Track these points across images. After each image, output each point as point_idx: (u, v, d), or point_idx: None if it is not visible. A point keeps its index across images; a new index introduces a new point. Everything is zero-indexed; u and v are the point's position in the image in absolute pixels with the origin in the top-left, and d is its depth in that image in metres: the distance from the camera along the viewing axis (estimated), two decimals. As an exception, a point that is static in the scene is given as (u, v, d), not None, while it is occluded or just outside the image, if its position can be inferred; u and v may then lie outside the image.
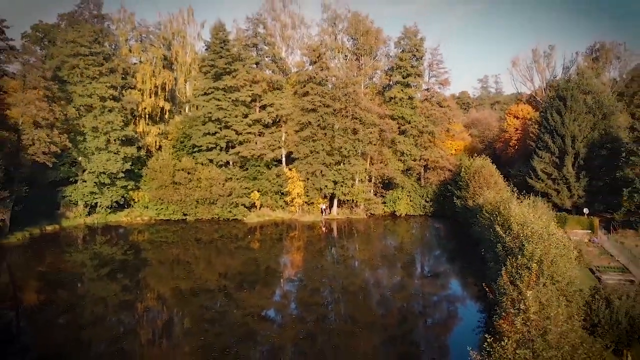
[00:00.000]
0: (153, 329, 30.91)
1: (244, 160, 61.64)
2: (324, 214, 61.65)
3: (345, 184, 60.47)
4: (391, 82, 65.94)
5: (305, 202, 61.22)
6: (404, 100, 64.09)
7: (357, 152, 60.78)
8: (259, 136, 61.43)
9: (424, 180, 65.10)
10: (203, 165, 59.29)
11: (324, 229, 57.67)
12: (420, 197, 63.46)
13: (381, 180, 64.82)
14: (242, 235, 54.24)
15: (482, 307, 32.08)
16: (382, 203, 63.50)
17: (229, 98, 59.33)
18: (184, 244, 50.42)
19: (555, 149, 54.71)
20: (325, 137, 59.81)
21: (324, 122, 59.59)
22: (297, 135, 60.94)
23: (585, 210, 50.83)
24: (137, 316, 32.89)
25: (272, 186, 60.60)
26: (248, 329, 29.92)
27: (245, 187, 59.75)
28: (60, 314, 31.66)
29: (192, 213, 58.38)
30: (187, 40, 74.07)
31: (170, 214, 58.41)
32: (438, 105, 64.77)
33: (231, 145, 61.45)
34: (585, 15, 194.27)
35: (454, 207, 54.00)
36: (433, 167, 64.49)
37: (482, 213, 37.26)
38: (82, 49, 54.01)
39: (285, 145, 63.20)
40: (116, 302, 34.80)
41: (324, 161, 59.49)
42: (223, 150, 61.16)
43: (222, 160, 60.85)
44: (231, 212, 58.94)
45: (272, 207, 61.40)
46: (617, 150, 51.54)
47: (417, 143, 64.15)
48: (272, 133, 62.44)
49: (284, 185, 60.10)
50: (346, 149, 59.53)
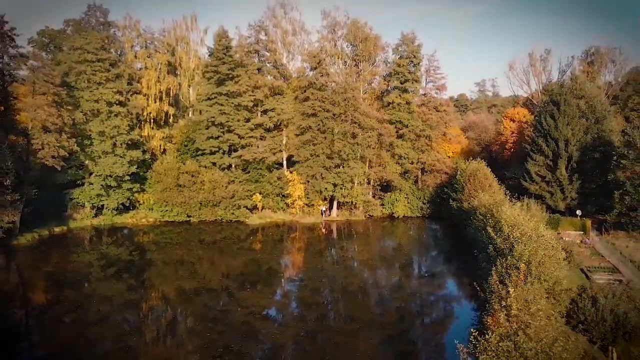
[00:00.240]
0: (158, 327, 31.11)
1: (246, 164, 61.66)
2: (323, 215, 61.65)
3: (345, 186, 60.53)
4: (389, 88, 65.97)
5: (306, 204, 61.22)
6: (401, 105, 64.08)
7: (356, 155, 60.83)
8: (261, 140, 61.52)
9: (421, 182, 65.08)
10: (206, 168, 59.31)
11: (323, 231, 57.72)
12: (418, 199, 63.44)
13: (379, 182, 64.86)
14: (245, 237, 54.35)
15: (477, 306, 32.31)
16: (381, 205, 63.45)
17: (232, 103, 59.41)
18: (188, 244, 50.51)
19: (549, 152, 54.87)
20: (325, 141, 59.89)
21: (324, 127, 59.67)
22: (298, 139, 60.97)
23: (578, 212, 50.93)
24: (142, 315, 33.10)
25: (274, 189, 60.67)
26: (250, 328, 30.11)
27: (248, 190, 59.82)
28: (68, 312, 31.90)
29: (196, 215, 58.40)
30: (190, 46, 74.11)
31: (174, 216, 58.43)
32: (435, 110, 64.75)
33: (234, 148, 61.54)
34: (581, 20, 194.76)
35: (450, 209, 54.07)
36: (430, 170, 64.55)
37: (476, 215, 37.50)
38: (89, 55, 54.17)
39: (286, 148, 63.22)
40: (122, 301, 35.03)
41: (323, 164, 59.54)
42: (226, 154, 61.24)
43: (225, 164, 60.89)
44: (234, 214, 58.94)
45: (273, 209, 61.46)
46: (609, 154, 51.57)
47: (414, 147, 64.15)
48: (273, 137, 62.47)
49: (285, 187, 60.16)
50: (345, 152, 59.60)
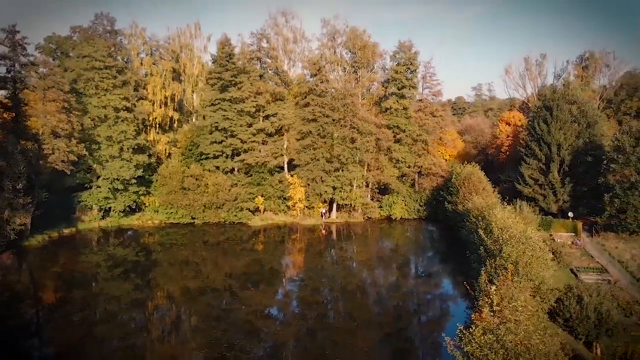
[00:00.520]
0: (163, 325, 31.25)
1: (248, 167, 61.80)
2: (323, 217, 61.73)
3: (344, 189, 60.65)
4: (387, 94, 65.98)
5: (306, 207, 61.31)
6: (399, 111, 64.18)
7: (355, 159, 60.97)
8: (263, 144, 61.67)
9: (418, 185, 65.13)
10: (210, 172, 59.47)
11: (323, 232, 57.80)
12: (415, 201, 63.50)
13: (377, 185, 65.02)
14: (247, 238, 54.49)
15: (471, 304, 32.60)
16: (379, 207, 63.51)
17: (235, 108, 59.59)
18: (192, 246, 50.64)
19: (542, 156, 54.92)
20: (325, 145, 60.07)
21: (324, 131, 59.87)
22: (299, 143, 61.18)
23: (570, 214, 51.06)
24: (148, 314, 33.29)
25: (275, 191, 60.80)
26: (253, 326, 30.33)
27: (250, 193, 59.93)
28: (77, 311, 32.07)
29: (200, 217, 58.52)
30: (194, 53, 74.45)
31: (179, 218, 58.57)
32: (431, 115, 64.84)
33: (236, 152, 61.65)
34: (578, 22, 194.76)
35: (446, 211, 54.09)
36: (426, 174, 64.56)
37: (469, 217, 37.71)
38: (97, 63, 54.43)
39: (288, 153, 63.35)
40: (128, 301, 35.22)
41: (323, 168, 59.71)
42: (229, 158, 61.36)
43: (228, 167, 61.04)
44: (236, 216, 59.09)
45: (275, 211, 61.57)
46: (599, 158, 51.40)
47: (411, 151, 64.20)
48: (275, 141, 62.63)
49: (286, 190, 60.30)
50: (345, 156, 59.74)
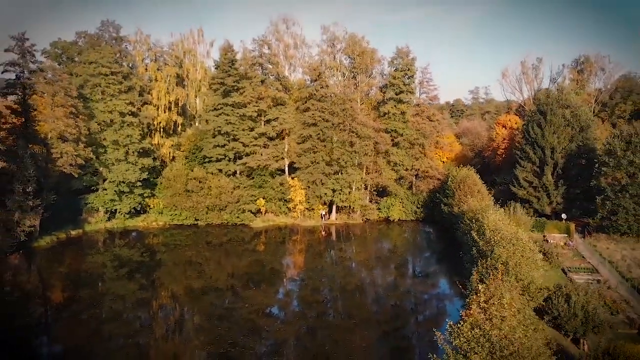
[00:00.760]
0: (167, 324, 31.55)
1: (250, 170, 61.94)
2: (323, 219, 61.77)
3: (343, 191, 60.77)
4: (385, 98, 65.90)
5: (306, 208, 61.39)
6: (396, 115, 64.24)
7: (353, 162, 61.08)
8: (264, 148, 61.75)
9: (415, 188, 65.19)
10: (213, 175, 59.56)
11: (323, 233, 57.90)
12: (412, 203, 63.54)
13: (376, 188, 65.07)
14: (249, 239, 54.61)
15: (466, 303, 32.83)
16: (377, 209, 63.49)
17: (237, 113, 59.73)
18: (196, 246, 50.80)
19: (536, 159, 55.09)
20: (325, 149, 60.21)
21: (324, 135, 60.03)
22: (299, 147, 61.30)
23: (563, 216, 51.28)
24: (152, 312, 33.54)
25: (276, 194, 60.88)
26: (254, 324, 30.52)
27: (252, 195, 60.06)
28: (84, 310, 32.35)
29: (203, 218, 58.62)
30: (197, 59, 74.44)
31: (183, 219, 58.68)
32: (428, 120, 64.88)
33: (239, 156, 61.77)
34: (574, 28, 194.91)
35: (442, 213, 54.23)
36: (423, 176, 64.60)
37: (464, 219, 37.94)
38: (103, 69, 54.69)
39: (288, 156, 63.49)
40: (134, 300, 35.48)
41: (323, 171, 59.84)
42: (231, 161, 61.51)
43: (231, 170, 61.19)
44: (239, 218, 59.18)
45: (276, 213, 61.59)
46: (592, 161, 51.58)
47: (409, 154, 64.23)
48: (276, 145, 62.76)
49: (287, 192, 60.40)
50: (344, 159, 59.90)
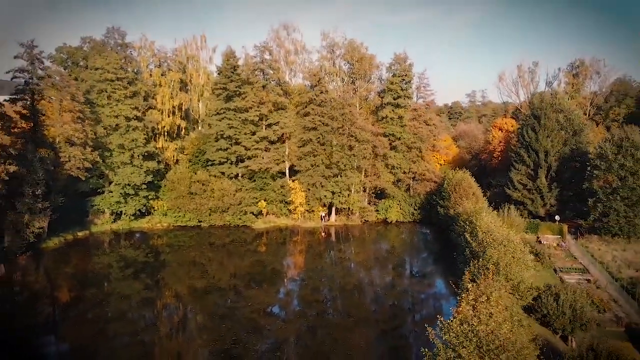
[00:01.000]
0: (171, 322, 31.85)
1: (252, 173, 62.09)
2: (323, 220, 61.96)
3: (342, 194, 61.00)
4: (383, 103, 66.18)
5: (307, 210, 61.57)
6: (394, 120, 64.46)
7: (352, 165, 61.29)
8: (266, 151, 61.94)
9: (412, 190, 65.33)
10: (216, 178, 59.80)
11: (323, 234, 58.13)
12: (409, 205, 63.74)
13: (374, 190, 65.24)
14: (251, 240, 54.85)
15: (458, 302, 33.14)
16: (375, 211, 63.70)
17: (239, 117, 59.99)
18: (199, 247, 51.06)
19: (530, 162, 55.36)
20: (324, 152, 60.43)
21: (323, 139, 60.26)
22: (300, 150, 61.56)
23: (557, 218, 51.52)
24: (157, 311, 33.85)
25: (277, 196, 61.13)
26: (256, 323, 30.81)
27: (253, 197, 60.30)
28: (90, 309, 32.69)
29: (206, 220, 58.84)
30: (200, 64, 74.68)
31: (186, 221, 58.91)
32: (425, 124, 65.00)
33: (241, 159, 62.02)
34: (570, 32, 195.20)
35: (439, 214, 54.37)
36: (420, 179, 64.76)
37: (458, 221, 38.26)
38: (109, 75, 55.03)
39: (289, 159, 63.75)
40: (139, 299, 35.77)
41: (323, 174, 60.03)
42: (233, 164, 61.74)
43: (233, 173, 61.36)
44: (241, 219, 59.42)
45: (277, 215, 61.81)
46: (585, 164, 51.62)
47: (406, 157, 64.40)
48: (277, 149, 62.97)
49: (288, 195, 60.63)
50: (343, 163, 60.17)
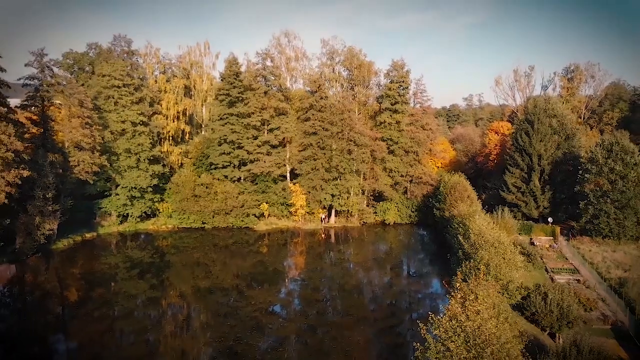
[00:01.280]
0: (176, 321, 32.25)
1: (254, 176, 62.49)
2: (323, 222, 62.28)
3: (342, 196, 61.31)
4: (381, 109, 66.50)
5: (307, 212, 61.83)
6: (392, 125, 64.74)
7: (351, 169, 61.59)
8: (267, 155, 62.26)
9: (409, 193, 65.56)
10: (219, 181, 60.18)
11: (323, 236, 58.43)
12: (407, 208, 64.01)
13: (373, 193, 65.54)
14: (253, 241, 55.17)
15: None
16: (374, 213, 63.95)
17: (241, 122, 60.43)
18: (203, 248, 51.38)
19: (524, 165, 55.76)
20: (324, 156, 60.73)
21: (323, 144, 60.58)
22: (300, 154, 61.91)
23: (550, 220, 51.88)
24: (162, 311, 34.27)
25: (279, 198, 61.43)
26: (258, 322, 31.18)
27: (256, 200, 60.64)
28: (98, 308, 33.19)
29: (210, 222, 59.17)
30: (203, 70, 74.93)
31: (191, 223, 59.20)
32: (422, 129, 65.34)
33: (243, 163, 62.32)
34: (565, 37, 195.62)
35: (435, 216, 54.65)
36: (417, 182, 65.02)
37: (453, 223, 38.69)
38: (116, 81, 55.62)
39: (290, 163, 64.14)
40: (144, 299, 36.25)
41: (323, 177, 60.39)
42: (236, 168, 62.05)
43: (236, 176, 61.73)
44: (243, 221, 59.77)
45: (278, 217, 62.09)
46: (577, 168, 51.83)
47: (403, 161, 64.66)
48: (278, 153, 63.32)
49: (289, 197, 60.96)
50: (342, 166, 60.44)
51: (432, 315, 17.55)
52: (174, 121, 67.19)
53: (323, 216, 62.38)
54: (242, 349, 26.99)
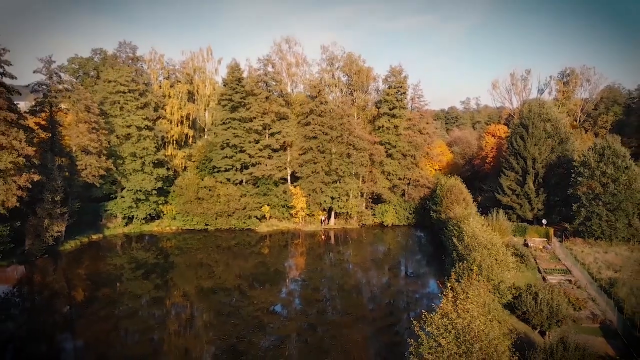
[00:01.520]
0: (180, 320, 32.62)
1: (256, 179, 62.85)
2: (323, 224, 62.59)
3: (341, 199, 61.69)
4: (380, 113, 66.82)
5: (307, 214, 62.17)
6: (390, 129, 65.08)
7: (351, 172, 61.94)
8: (269, 159, 62.64)
9: (407, 195, 65.91)
10: (222, 184, 60.48)
11: (323, 237, 58.65)
12: (404, 210, 64.32)
13: (371, 195, 65.86)
14: (255, 243, 55.44)
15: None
16: (372, 215, 64.24)
17: (243, 127, 60.88)
18: (206, 249, 51.67)
19: (519, 168, 56.21)
20: (324, 160, 61.13)
21: (323, 147, 61.00)
22: (301, 158, 62.27)
23: (544, 221, 52.18)
24: (166, 310, 34.61)
25: (280, 201, 61.77)
26: (260, 321, 31.55)
27: (257, 202, 60.98)
28: (104, 307, 33.55)
29: (213, 224, 59.44)
30: (206, 75, 75.40)
31: (194, 225, 59.52)
32: (419, 133, 65.67)
33: (245, 166, 62.74)
34: (561, 41, 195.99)
35: (432, 218, 54.91)
36: (415, 185, 65.38)
37: (448, 225, 39.07)
38: (121, 87, 56.14)
39: (291, 166, 64.45)
40: (149, 298, 36.54)
41: (323, 180, 60.77)
42: (238, 171, 62.43)
43: (238, 179, 62.07)
44: (245, 223, 60.08)
45: (279, 219, 62.47)
46: (570, 171, 52.02)
47: (401, 165, 65.04)
48: (279, 156, 63.67)
49: (290, 200, 61.33)
50: (342, 170, 60.83)
51: (425, 313, 18.04)
52: (177, 125, 67.65)
53: (323, 218, 62.70)
54: (244, 347, 27.31)
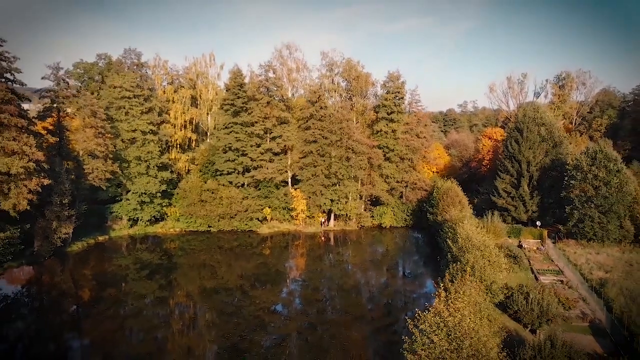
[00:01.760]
0: (183, 320, 32.95)
1: (257, 182, 63.19)
2: (323, 225, 62.88)
3: (340, 201, 62.04)
4: (378, 118, 67.30)
5: (308, 216, 62.43)
6: (388, 133, 65.52)
7: (350, 175, 62.27)
8: (270, 162, 62.99)
9: (405, 198, 66.19)
10: (224, 186, 60.90)
11: (322, 239, 58.90)
12: (402, 212, 64.62)
13: (370, 198, 66.22)
14: (256, 244, 55.76)
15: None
16: (371, 217, 64.52)
17: (245, 131, 61.28)
18: (209, 250, 51.98)
19: (514, 171, 56.59)
20: (324, 163, 61.49)
21: (323, 151, 61.36)
22: (301, 161, 62.64)
23: (538, 223, 52.60)
24: (170, 309, 34.95)
25: (280, 203, 62.12)
26: (261, 320, 31.88)
27: (259, 204, 61.30)
28: (109, 307, 33.94)
29: (216, 225, 59.76)
30: (209, 80, 75.88)
31: (197, 226, 59.84)
32: (417, 137, 65.89)
33: (247, 169, 63.09)
34: (558, 45, 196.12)
35: (429, 220, 55.21)
36: (412, 187, 65.64)
37: (444, 228, 39.43)
38: (127, 92, 56.57)
39: (291, 169, 64.80)
40: (153, 298, 36.94)
41: (322, 183, 61.12)
42: (240, 174, 62.77)
43: (240, 182, 62.46)
44: (247, 225, 60.34)
45: (280, 220, 62.75)
46: (564, 174, 52.12)
47: (399, 168, 65.33)
48: (280, 160, 64.03)
49: (290, 202, 61.61)
50: (341, 173, 61.21)
51: (419, 312, 18.48)
52: (181, 130, 68.06)
53: (323, 220, 63.00)
54: (246, 346, 27.62)
